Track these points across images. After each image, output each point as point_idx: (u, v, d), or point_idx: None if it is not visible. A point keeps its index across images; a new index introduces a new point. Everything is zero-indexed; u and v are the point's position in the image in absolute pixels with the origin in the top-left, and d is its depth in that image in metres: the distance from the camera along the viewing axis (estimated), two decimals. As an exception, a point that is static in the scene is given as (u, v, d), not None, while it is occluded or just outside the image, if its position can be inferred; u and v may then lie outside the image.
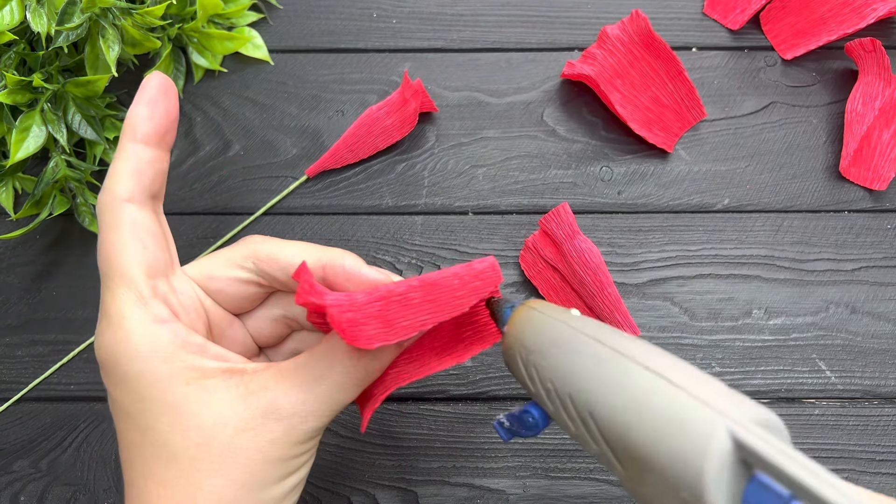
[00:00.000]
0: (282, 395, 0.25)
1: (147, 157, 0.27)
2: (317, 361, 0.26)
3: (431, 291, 0.25)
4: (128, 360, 0.25)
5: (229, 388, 0.25)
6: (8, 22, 0.36)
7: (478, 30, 0.43)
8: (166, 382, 0.25)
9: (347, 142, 0.41)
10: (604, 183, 0.41)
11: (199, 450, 0.25)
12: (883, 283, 0.39)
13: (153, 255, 0.26)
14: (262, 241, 0.29)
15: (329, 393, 0.26)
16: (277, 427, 0.25)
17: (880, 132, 0.40)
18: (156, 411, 0.25)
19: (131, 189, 0.26)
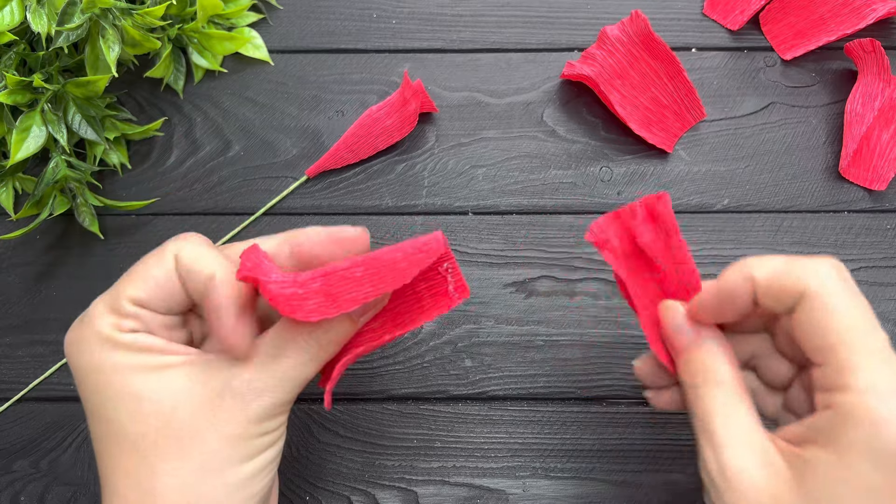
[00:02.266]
0: (237, 374, 0.26)
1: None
2: (271, 340, 0.27)
3: (374, 265, 0.26)
4: (89, 353, 0.26)
5: (188, 374, 0.26)
6: (8, 22, 0.36)
7: (478, 30, 0.43)
8: (126, 373, 0.25)
9: (347, 142, 0.41)
10: (604, 183, 0.41)
11: (159, 434, 0.25)
12: (882, 283, 0.39)
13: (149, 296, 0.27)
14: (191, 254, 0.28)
15: (284, 369, 0.26)
16: (232, 404, 0.25)
17: (880, 132, 0.40)
18: (115, 402, 0.25)
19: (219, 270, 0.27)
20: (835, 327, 0.24)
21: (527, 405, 0.38)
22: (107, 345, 0.26)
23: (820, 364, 0.24)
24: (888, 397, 0.22)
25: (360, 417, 0.38)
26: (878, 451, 0.22)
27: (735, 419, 0.26)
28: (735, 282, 0.26)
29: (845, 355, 0.23)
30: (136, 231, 0.41)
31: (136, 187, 0.41)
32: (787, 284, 0.25)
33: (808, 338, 0.24)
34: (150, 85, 0.42)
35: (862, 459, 0.22)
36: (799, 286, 0.25)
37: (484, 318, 0.39)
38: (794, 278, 0.25)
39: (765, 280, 0.26)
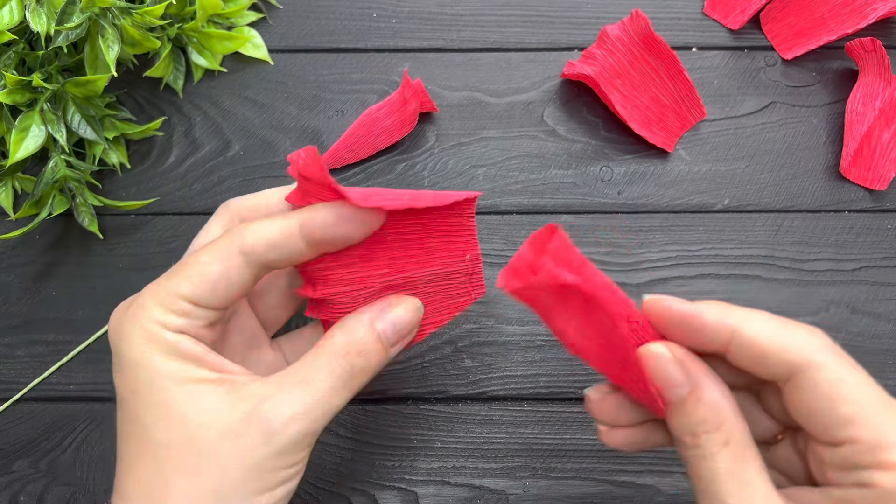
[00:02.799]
0: (267, 399, 0.25)
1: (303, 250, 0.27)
2: (302, 365, 0.26)
3: (415, 193, 0.28)
4: (129, 345, 0.25)
5: (218, 393, 0.25)
6: (7, 21, 0.36)
7: (478, 30, 0.43)
8: (159, 379, 0.25)
9: (347, 142, 0.41)
10: (604, 183, 0.41)
11: (180, 449, 0.25)
12: (883, 283, 0.39)
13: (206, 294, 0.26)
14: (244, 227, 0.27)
15: (314, 395, 0.26)
16: (259, 434, 0.25)
17: (880, 132, 0.40)
18: (146, 404, 0.25)
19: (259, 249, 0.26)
20: (850, 400, 0.22)
21: (527, 405, 0.38)
22: (150, 342, 0.25)
23: (832, 443, 0.23)
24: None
25: (360, 417, 0.38)
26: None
27: (749, 488, 0.23)
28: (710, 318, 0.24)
29: (875, 432, 0.22)
30: (135, 231, 0.41)
31: (136, 187, 0.41)
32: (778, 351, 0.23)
33: (813, 413, 0.23)
34: (150, 84, 0.42)
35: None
36: (793, 357, 0.23)
37: (484, 318, 0.39)
38: (789, 347, 0.23)
39: (752, 340, 0.24)
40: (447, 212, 0.29)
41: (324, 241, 0.26)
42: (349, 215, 0.26)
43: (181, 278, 0.26)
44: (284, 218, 0.27)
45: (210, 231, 0.29)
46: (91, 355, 0.39)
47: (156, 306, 0.26)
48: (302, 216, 0.26)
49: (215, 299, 0.26)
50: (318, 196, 0.27)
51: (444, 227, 0.29)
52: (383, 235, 0.28)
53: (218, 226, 0.29)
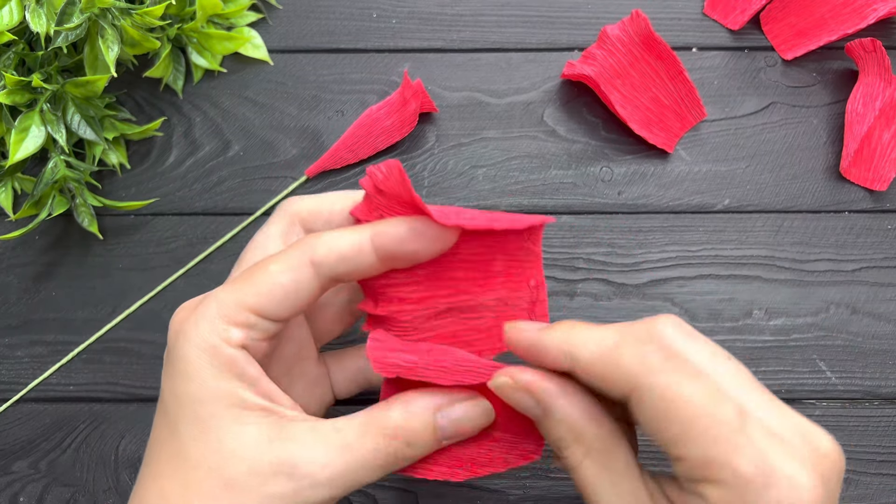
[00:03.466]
0: (305, 451, 0.25)
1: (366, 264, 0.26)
2: (351, 429, 0.25)
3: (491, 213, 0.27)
4: (185, 353, 0.25)
5: (260, 426, 0.25)
6: (7, 22, 0.36)
7: (478, 30, 0.43)
8: (207, 398, 0.25)
9: (347, 142, 0.41)
10: (604, 183, 0.41)
11: (209, 474, 0.24)
12: (883, 283, 0.39)
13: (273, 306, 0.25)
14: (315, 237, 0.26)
15: (351, 465, 0.25)
16: (287, 484, 0.24)
17: (881, 132, 0.40)
18: (188, 419, 0.25)
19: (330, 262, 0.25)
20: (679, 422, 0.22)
21: (527, 406, 0.38)
22: (207, 354, 0.25)
23: (673, 458, 0.23)
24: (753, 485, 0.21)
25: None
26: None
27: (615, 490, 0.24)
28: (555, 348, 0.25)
29: (702, 450, 0.22)
30: (135, 231, 0.41)
31: (136, 187, 0.41)
32: (615, 377, 0.23)
33: (650, 432, 0.23)
34: (150, 85, 0.42)
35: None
36: (626, 383, 0.23)
37: (484, 319, 0.39)
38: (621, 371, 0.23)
39: (587, 366, 0.24)
40: (516, 235, 0.28)
41: (396, 256, 0.26)
42: (423, 231, 0.25)
43: (249, 288, 0.25)
44: (355, 230, 0.26)
45: (269, 233, 0.29)
46: (91, 356, 0.39)
47: (220, 317, 0.25)
48: (374, 229, 0.26)
49: (282, 311, 0.26)
50: (390, 211, 0.27)
51: (511, 251, 0.28)
52: (450, 255, 0.27)
53: (277, 228, 0.29)
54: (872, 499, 0.37)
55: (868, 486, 0.37)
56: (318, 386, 0.31)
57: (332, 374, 0.32)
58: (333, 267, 0.25)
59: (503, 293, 0.28)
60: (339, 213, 0.29)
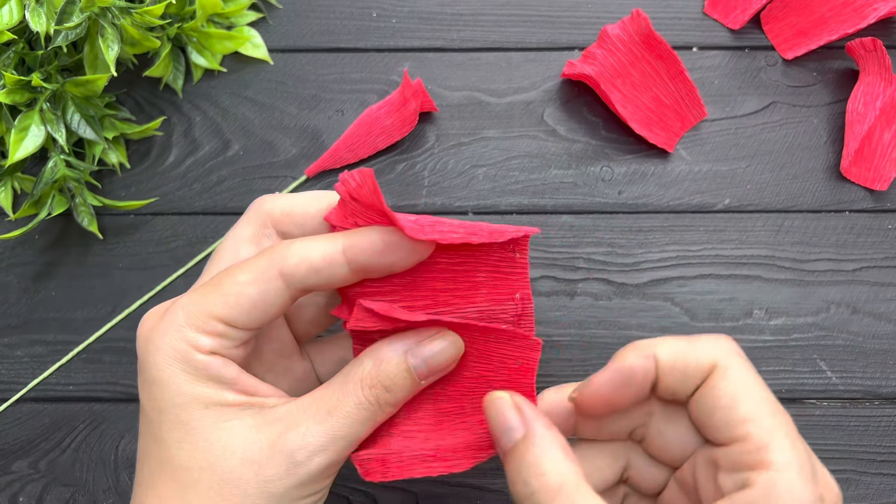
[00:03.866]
0: (293, 427, 0.25)
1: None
2: (330, 394, 0.26)
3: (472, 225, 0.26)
4: (157, 361, 0.25)
5: (243, 419, 0.25)
6: (7, 21, 0.36)
7: (478, 29, 0.43)
8: (185, 401, 0.25)
9: (347, 142, 0.41)
10: (604, 183, 0.41)
11: (202, 473, 0.24)
12: (884, 283, 0.39)
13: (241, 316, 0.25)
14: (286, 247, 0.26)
15: (339, 426, 0.25)
16: (282, 464, 0.24)
17: (881, 132, 0.40)
18: (170, 425, 0.25)
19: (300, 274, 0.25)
20: (750, 400, 0.23)
21: (527, 405, 0.38)
22: (178, 362, 0.25)
23: (727, 443, 0.24)
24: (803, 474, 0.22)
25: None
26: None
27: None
28: (635, 361, 0.25)
29: (764, 431, 0.23)
30: (134, 230, 0.41)
31: (135, 187, 0.41)
32: (694, 361, 0.24)
33: (716, 413, 0.24)
34: (149, 84, 0.42)
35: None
36: (706, 362, 0.24)
37: (484, 319, 0.39)
38: (701, 354, 0.24)
39: (669, 358, 0.25)
40: (499, 247, 0.27)
41: (368, 268, 0.25)
42: (397, 243, 0.25)
43: (216, 297, 0.25)
44: (327, 240, 0.25)
45: (240, 236, 0.28)
46: (91, 355, 0.39)
47: (188, 325, 0.25)
48: (347, 240, 0.25)
49: (251, 321, 0.25)
50: (365, 218, 0.26)
51: (494, 262, 0.27)
52: (429, 265, 0.27)
53: (248, 228, 0.28)
54: (872, 499, 0.37)
55: (868, 486, 0.37)
56: (305, 381, 0.31)
57: (316, 366, 0.32)
58: (304, 278, 0.25)
59: (487, 306, 0.28)
60: (313, 217, 0.28)
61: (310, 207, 0.28)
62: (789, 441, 0.23)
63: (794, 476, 0.22)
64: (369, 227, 0.26)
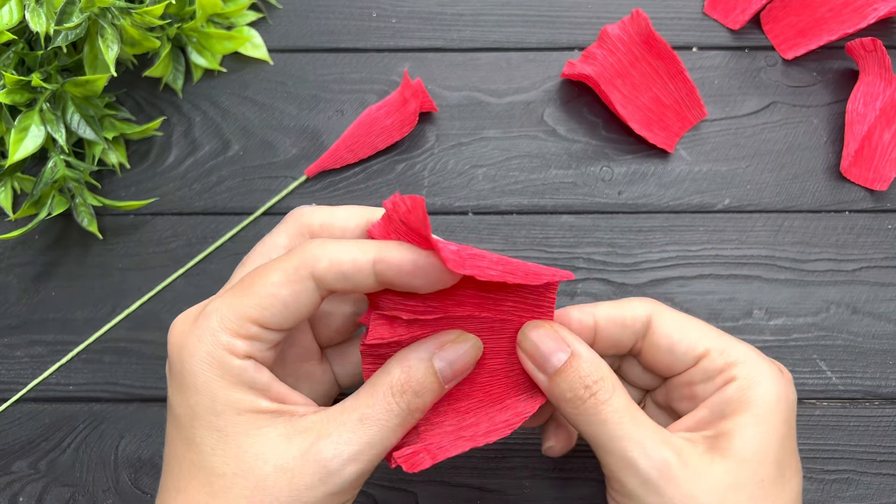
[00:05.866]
0: (325, 436, 0.25)
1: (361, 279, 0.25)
2: (359, 402, 0.26)
3: (510, 263, 0.27)
4: (192, 367, 0.25)
5: (276, 427, 0.25)
6: (7, 21, 0.36)
7: (478, 30, 0.43)
8: (220, 408, 0.25)
9: (347, 142, 0.41)
10: (604, 183, 0.41)
11: (235, 480, 0.25)
12: (884, 283, 0.39)
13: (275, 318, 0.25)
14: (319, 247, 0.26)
15: (371, 433, 0.25)
16: (315, 473, 0.25)
17: (881, 132, 0.40)
18: (205, 430, 0.25)
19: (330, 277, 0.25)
20: (693, 328, 0.29)
21: (527, 406, 0.38)
22: (215, 368, 0.25)
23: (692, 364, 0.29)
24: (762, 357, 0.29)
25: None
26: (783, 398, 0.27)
27: (643, 418, 0.27)
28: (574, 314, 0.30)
29: (718, 342, 0.29)
30: (134, 231, 0.41)
31: (135, 187, 0.41)
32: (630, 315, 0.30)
33: (673, 347, 0.29)
34: (149, 84, 0.42)
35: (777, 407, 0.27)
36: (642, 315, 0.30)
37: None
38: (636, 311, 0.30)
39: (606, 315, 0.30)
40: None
41: (394, 284, 0.26)
42: (427, 268, 0.25)
43: (250, 300, 0.25)
44: (360, 247, 0.25)
45: (276, 243, 0.28)
46: (90, 356, 0.39)
47: (223, 329, 0.25)
48: (379, 252, 0.25)
49: (284, 322, 0.26)
50: (407, 238, 0.26)
51: (523, 295, 0.28)
52: (460, 289, 0.27)
53: (285, 237, 0.28)
54: (872, 499, 0.37)
55: (868, 486, 0.37)
56: (323, 384, 0.31)
57: (334, 368, 0.32)
58: (333, 282, 0.25)
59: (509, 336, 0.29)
60: (353, 231, 0.28)
61: (349, 222, 0.28)
62: (738, 342, 0.29)
63: (757, 360, 0.28)
64: (403, 244, 0.26)
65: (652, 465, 0.26)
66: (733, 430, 0.27)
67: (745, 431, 0.27)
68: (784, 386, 0.28)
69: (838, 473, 0.37)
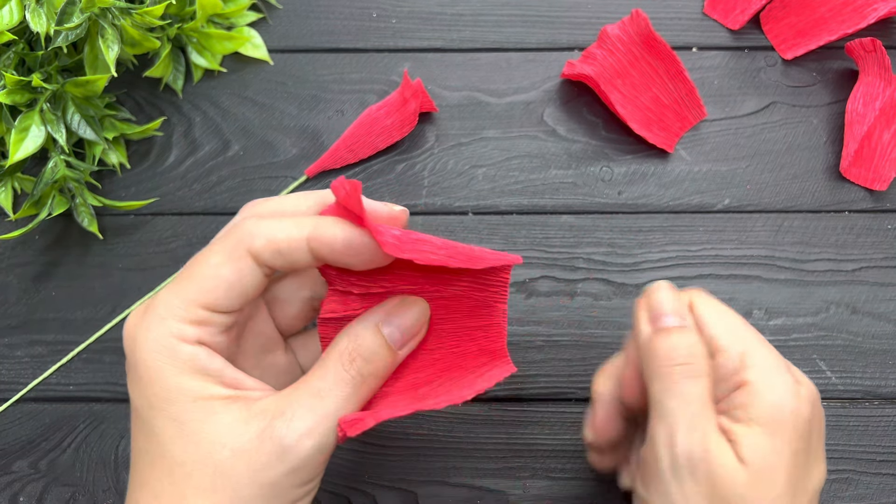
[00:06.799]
0: (280, 415, 0.25)
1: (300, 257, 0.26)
2: (312, 377, 0.26)
3: (452, 244, 0.27)
4: (145, 357, 0.25)
5: (231, 412, 0.25)
6: (7, 22, 0.36)
7: (478, 30, 0.43)
8: (174, 396, 0.25)
9: (347, 142, 0.41)
10: (604, 183, 0.41)
11: (195, 466, 0.24)
12: (884, 283, 0.39)
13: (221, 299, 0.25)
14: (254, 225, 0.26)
15: (325, 407, 0.25)
16: (273, 452, 0.24)
17: (881, 132, 0.40)
18: (161, 420, 0.25)
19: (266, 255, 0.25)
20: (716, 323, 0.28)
21: (527, 405, 0.38)
22: (165, 357, 0.25)
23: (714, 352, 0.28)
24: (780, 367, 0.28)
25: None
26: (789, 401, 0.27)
27: (710, 415, 0.27)
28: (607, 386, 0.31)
29: (736, 343, 0.28)
30: (135, 231, 0.41)
31: (135, 187, 0.41)
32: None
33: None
34: (149, 84, 0.42)
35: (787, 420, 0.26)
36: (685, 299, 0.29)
37: (484, 319, 0.39)
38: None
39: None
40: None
41: (329, 262, 0.26)
42: (359, 246, 0.25)
43: (193, 284, 0.25)
44: (296, 224, 0.26)
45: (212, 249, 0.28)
46: (91, 355, 0.39)
47: (171, 317, 0.25)
48: (313, 230, 0.25)
49: (231, 303, 0.26)
50: (354, 220, 0.26)
51: (477, 273, 0.28)
52: (414, 267, 0.27)
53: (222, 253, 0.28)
54: (872, 499, 0.37)
55: (868, 486, 0.37)
56: (289, 374, 0.31)
57: (299, 358, 0.32)
58: (270, 260, 0.26)
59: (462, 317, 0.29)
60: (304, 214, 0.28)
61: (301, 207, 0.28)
62: (760, 345, 0.28)
63: (772, 368, 0.27)
64: (339, 221, 0.26)
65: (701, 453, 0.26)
66: (743, 439, 0.26)
67: (756, 440, 0.26)
68: (798, 400, 0.27)
69: (838, 473, 0.37)
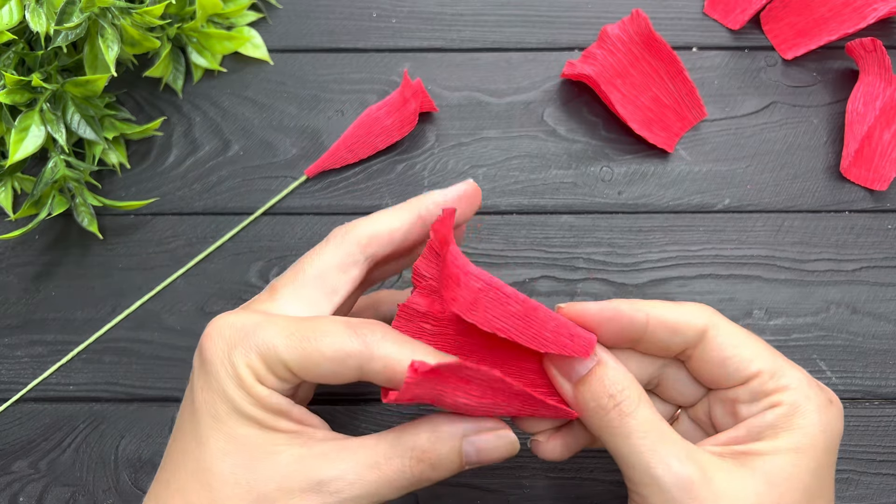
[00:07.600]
0: (334, 468, 0.25)
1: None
2: (380, 448, 0.26)
3: (529, 311, 0.25)
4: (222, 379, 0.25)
5: (291, 447, 0.25)
6: (7, 21, 0.36)
7: (478, 30, 0.43)
8: (244, 419, 0.25)
9: (347, 142, 0.41)
10: (604, 183, 0.41)
11: (236, 488, 0.25)
12: (884, 283, 0.39)
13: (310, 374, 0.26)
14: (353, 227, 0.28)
15: (377, 483, 0.25)
16: (315, 501, 0.25)
17: (881, 132, 0.40)
18: (222, 434, 0.25)
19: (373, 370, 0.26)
20: (749, 345, 0.28)
21: (527, 406, 0.38)
22: (242, 388, 0.25)
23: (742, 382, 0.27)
24: (813, 386, 0.27)
25: (360, 418, 0.38)
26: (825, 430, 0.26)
27: (669, 432, 0.26)
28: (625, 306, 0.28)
29: (771, 364, 0.27)
30: (134, 231, 0.41)
31: (135, 187, 0.41)
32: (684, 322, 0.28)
33: (726, 361, 0.28)
34: (149, 84, 0.42)
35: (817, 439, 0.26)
36: (699, 324, 0.28)
37: (484, 319, 0.39)
38: (692, 318, 0.28)
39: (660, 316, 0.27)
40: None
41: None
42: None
43: (299, 351, 0.25)
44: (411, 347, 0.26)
45: (323, 259, 0.28)
46: (91, 355, 0.39)
47: (260, 361, 0.25)
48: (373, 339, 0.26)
49: (317, 379, 0.26)
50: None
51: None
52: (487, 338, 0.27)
53: (334, 257, 0.28)
54: (872, 499, 0.37)
55: (868, 486, 0.37)
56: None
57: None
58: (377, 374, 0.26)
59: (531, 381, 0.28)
60: (400, 231, 0.28)
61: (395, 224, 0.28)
62: (792, 366, 0.28)
63: (807, 388, 0.27)
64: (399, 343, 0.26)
65: (675, 481, 0.25)
66: (766, 451, 0.26)
67: (778, 455, 0.26)
68: (831, 417, 0.27)
69: (838, 473, 0.37)
